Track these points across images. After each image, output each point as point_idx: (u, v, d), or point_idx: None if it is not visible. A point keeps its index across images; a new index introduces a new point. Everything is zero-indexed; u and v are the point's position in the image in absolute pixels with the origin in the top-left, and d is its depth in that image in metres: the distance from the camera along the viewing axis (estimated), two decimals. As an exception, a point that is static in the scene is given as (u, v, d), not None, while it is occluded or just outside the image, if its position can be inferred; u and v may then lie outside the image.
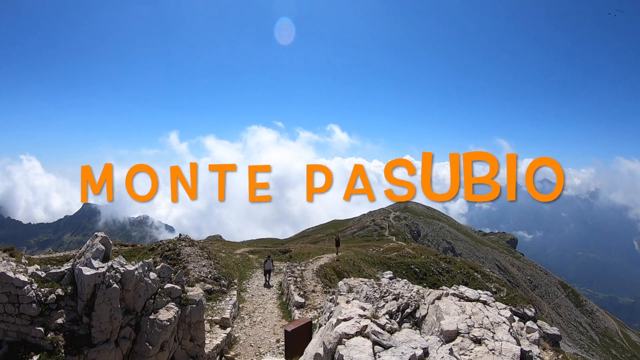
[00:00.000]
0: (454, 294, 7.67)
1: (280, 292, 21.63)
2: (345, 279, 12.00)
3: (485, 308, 7.14)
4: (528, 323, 7.30)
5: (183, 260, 20.42)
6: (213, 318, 15.27)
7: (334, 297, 10.47)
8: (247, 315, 17.75)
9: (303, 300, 17.98)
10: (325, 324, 7.82)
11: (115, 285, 9.86)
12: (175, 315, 10.72)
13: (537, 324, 7.53)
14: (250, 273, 25.61)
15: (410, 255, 39.67)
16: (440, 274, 34.69)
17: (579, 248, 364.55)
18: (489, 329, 6.40)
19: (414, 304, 7.68)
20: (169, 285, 11.23)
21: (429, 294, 7.98)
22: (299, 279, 21.14)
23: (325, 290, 19.96)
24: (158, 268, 11.57)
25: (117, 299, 9.85)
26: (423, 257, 38.85)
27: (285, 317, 17.82)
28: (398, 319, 7.38)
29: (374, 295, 8.53)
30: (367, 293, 8.71)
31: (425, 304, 7.57)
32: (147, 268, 10.99)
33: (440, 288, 8.39)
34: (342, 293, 10.32)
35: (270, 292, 21.58)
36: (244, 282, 22.86)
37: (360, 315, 6.62)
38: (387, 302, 8.06)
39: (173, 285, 11.28)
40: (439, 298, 7.60)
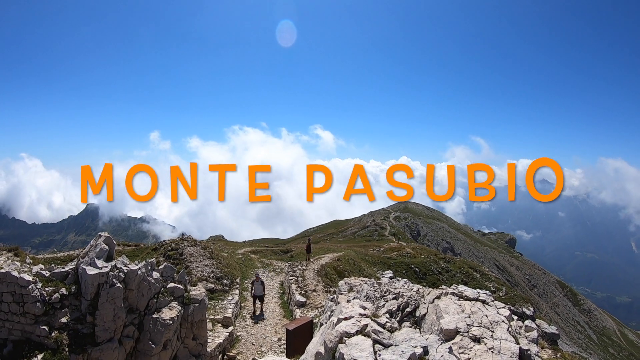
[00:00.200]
0: (454, 293, 7.67)
1: (282, 291, 21.72)
2: (346, 279, 12.08)
3: (485, 307, 7.15)
4: (527, 322, 7.33)
5: (186, 260, 20.51)
6: (215, 317, 15.35)
7: (335, 296, 10.52)
8: (248, 315, 17.85)
9: (304, 300, 18.04)
10: (326, 323, 7.85)
11: (119, 285, 9.93)
12: (178, 314, 10.77)
13: (535, 323, 7.58)
14: (252, 273, 25.69)
15: (410, 255, 39.72)
16: (440, 274, 34.74)
17: (577, 248, 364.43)
18: (488, 328, 6.40)
19: (414, 303, 7.69)
20: (172, 285, 11.29)
21: (429, 293, 7.98)
22: (300, 279, 21.21)
23: (326, 290, 20.03)
24: (161, 268, 11.63)
25: (120, 298, 9.91)
26: (423, 256, 38.91)
27: (287, 316, 17.90)
28: (398, 318, 7.39)
29: (375, 295, 8.57)
30: (367, 292, 8.75)
31: (425, 303, 7.58)
32: (150, 268, 11.05)
33: (440, 287, 8.41)
34: (342, 292, 10.37)
35: (272, 291, 21.68)
36: (246, 281, 22.93)
37: (361, 314, 6.63)
38: (387, 301, 8.08)
39: (176, 285, 11.34)
40: (439, 297, 7.59)
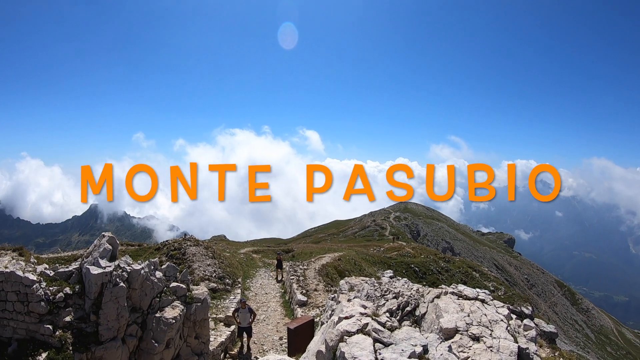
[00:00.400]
0: (453, 293, 7.70)
1: (283, 290, 21.83)
2: (347, 278, 12.14)
3: (484, 306, 7.18)
4: (525, 321, 7.38)
5: (188, 260, 20.64)
6: (217, 316, 15.46)
7: (336, 295, 10.57)
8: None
9: (305, 299, 18.14)
10: (327, 322, 7.89)
11: (122, 284, 10.00)
12: (181, 314, 10.85)
13: (534, 322, 7.62)
14: (254, 272, 25.79)
15: (410, 255, 39.82)
16: (440, 273, 34.83)
17: (575, 248, 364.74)
18: (487, 327, 6.43)
19: (414, 302, 7.72)
20: (175, 284, 11.36)
21: (429, 293, 8.01)
22: (302, 278, 21.30)
23: (327, 289, 20.12)
24: (164, 267, 11.71)
25: (123, 298, 9.98)
26: (423, 256, 39.01)
27: (288, 315, 18.00)
28: (398, 317, 7.42)
29: (375, 294, 8.63)
30: (368, 291, 8.80)
31: (425, 303, 7.61)
32: (153, 267, 11.12)
33: (440, 287, 8.45)
34: (343, 292, 10.42)
35: (274, 290, 21.78)
36: (248, 281, 23.04)
37: (362, 314, 6.67)
38: (387, 300, 8.12)
39: (178, 284, 11.41)
40: (438, 296, 7.62)
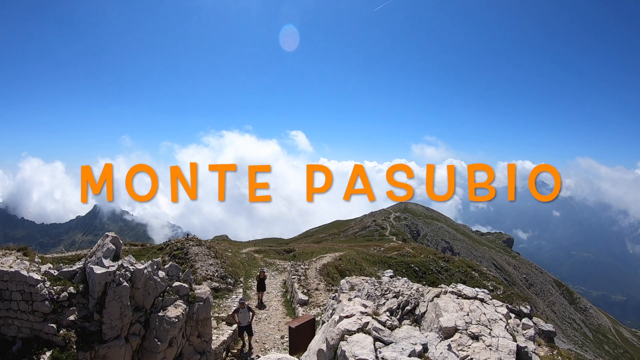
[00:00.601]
0: (452, 292, 7.74)
1: (285, 290, 21.92)
2: (348, 277, 12.19)
3: (483, 305, 7.23)
4: (524, 320, 7.44)
5: (191, 259, 20.76)
6: (220, 315, 15.56)
7: (337, 294, 10.62)
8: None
9: (306, 298, 18.22)
10: (328, 321, 7.95)
11: (125, 284, 10.08)
12: (183, 313, 10.95)
13: (532, 321, 7.68)
14: (256, 272, 25.91)
15: (410, 255, 39.89)
16: (439, 273, 34.91)
17: (573, 247, 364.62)
18: (486, 326, 6.47)
19: (414, 302, 7.76)
20: (177, 284, 11.46)
21: (428, 292, 8.05)
22: (303, 278, 21.39)
23: (328, 288, 20.20)
24: (167, 267, 11.80)
25: (127, 297, 10.07)
26: (422, 256, 39.09)
27: (289, 314, 18.09)
28: (398, 316, 7.43)
29: (375, 293, 8.67)
30: (368, 291, 8.84)
31: (425, 302, 7.65)
32: (156, 267, 11.21)
33: (439, 286, 8.51)
34: (344, 291, 10.46)
35: (275, 290, 21.87)
36: (250, 280, 23.13)
37: (362, 313, 6.72)
38: (387, 299, 8.14)
39: (181, 284, 11.50)
40: (438, 296, 7.66)
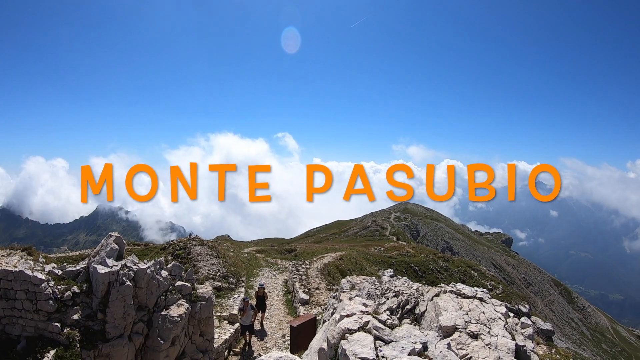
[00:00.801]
0: (452, 291, 7.77)
1: (286, 289, 22.02)
2: (348, 277, 12.25)
3: (482, 305, 7.26)
4: (522, 319, 7.48)
5: (193, 259, 20.90)
6: (222, 314, 15.66)
7: (337, 294, 10.68)
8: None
9: (308, 297, 18.31)
10: (329, 320, 7.98)
11: (129, 283, 10.16)
12: (186, 312, 11.02)
13: (531, 320, 7.74)
14: (258, 271, 26.03)
15: (410, 254, 39.94)
16: (439, 272, 34.97)
17: (571, 247, 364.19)
18: (485, 325, 6.50)
19: (414, 301, 7.80)
20: (180, 283, 11.53)
21: (428, 291, 8.08)
22: (304, 277, 21.48)
23: (329, 288, 20.29)
24: (169, 266, 11.87)
25: (130, 296, 10.15)
26: (422, 256, 39.12)
27: (291, 313, 18.19)
28: (398, 315, 7.46)
29: (376, 293, 8.72)
30: (368, 290, 8.88)
31: (425, 301, 7.68)
32: (158, 266, 11.29)
33: (439, 285, 8.53)
34: (345, 290, 10.52)
35: (277, 289, 21.98)
36: (252, 279, 23.24)
37: (363, 312, 6.75)
38: (388, 299, 8.18)
39: (183, 283, 11.58)
40: (438, 295, 7.69)
